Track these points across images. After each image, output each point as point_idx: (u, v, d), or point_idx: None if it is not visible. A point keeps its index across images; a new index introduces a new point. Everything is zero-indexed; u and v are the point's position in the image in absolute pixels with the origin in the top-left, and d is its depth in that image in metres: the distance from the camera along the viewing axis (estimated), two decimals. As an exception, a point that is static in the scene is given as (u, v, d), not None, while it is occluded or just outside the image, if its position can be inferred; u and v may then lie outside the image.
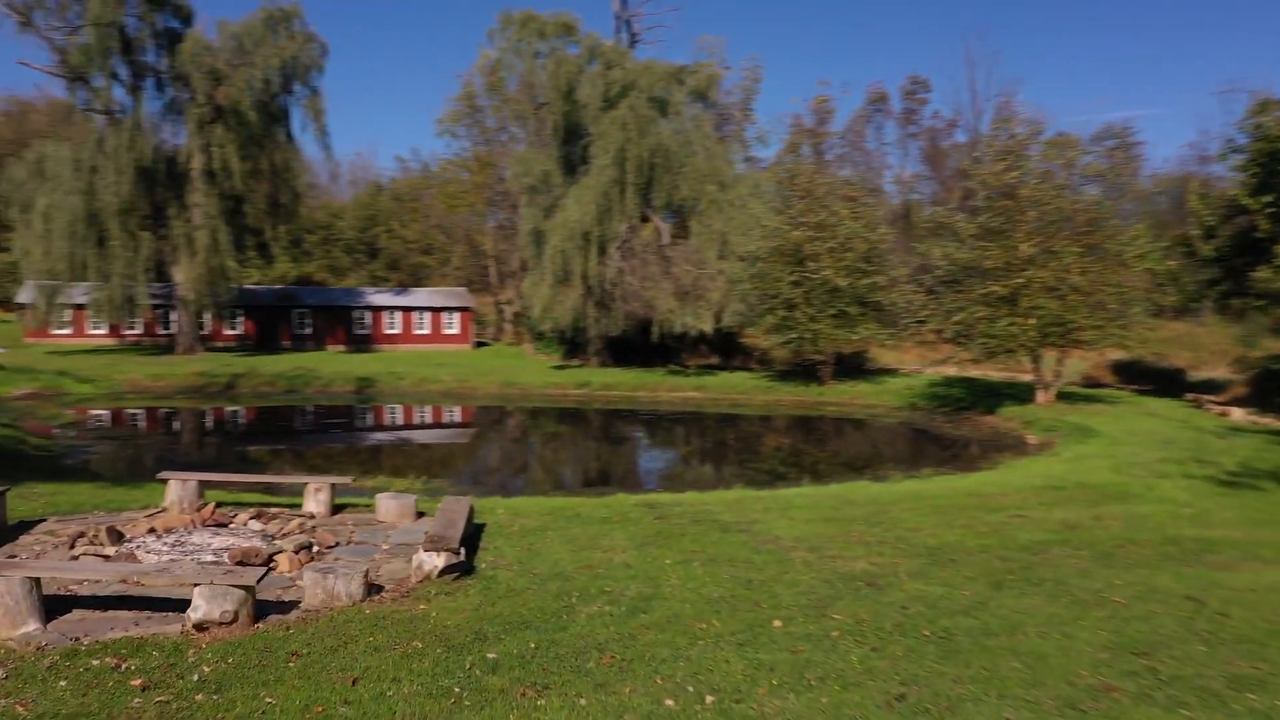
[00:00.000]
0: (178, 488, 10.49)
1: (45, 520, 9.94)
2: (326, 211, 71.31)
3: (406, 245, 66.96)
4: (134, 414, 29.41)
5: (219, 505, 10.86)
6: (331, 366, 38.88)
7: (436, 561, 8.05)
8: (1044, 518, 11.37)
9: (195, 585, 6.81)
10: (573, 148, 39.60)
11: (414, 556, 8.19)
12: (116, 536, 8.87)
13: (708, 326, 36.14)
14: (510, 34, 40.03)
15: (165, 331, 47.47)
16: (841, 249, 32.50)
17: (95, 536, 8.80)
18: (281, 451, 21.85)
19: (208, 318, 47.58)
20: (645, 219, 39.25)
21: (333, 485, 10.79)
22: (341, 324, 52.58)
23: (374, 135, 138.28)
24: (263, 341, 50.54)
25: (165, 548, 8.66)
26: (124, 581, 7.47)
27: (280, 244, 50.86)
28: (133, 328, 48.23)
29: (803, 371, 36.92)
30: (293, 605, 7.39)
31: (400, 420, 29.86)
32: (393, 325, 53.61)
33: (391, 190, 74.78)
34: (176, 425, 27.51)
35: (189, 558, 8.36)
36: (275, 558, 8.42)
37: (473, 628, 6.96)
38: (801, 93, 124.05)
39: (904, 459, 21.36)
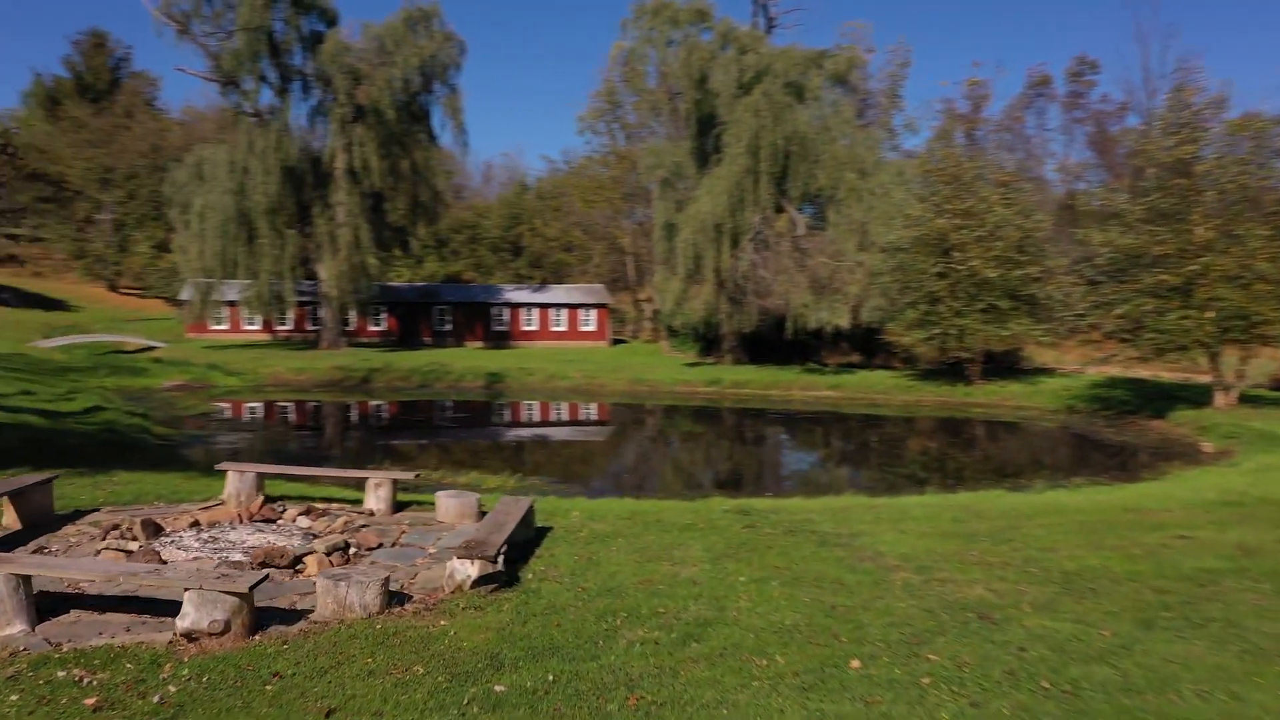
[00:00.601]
0: (235, 480, 9.95)
1: (98, 510, 9.57)
2: (474, 211, 72.83)
3: (548, 243, 67.45)
4: (267, 406, 30.13)
5: (274, 500, 10.28)
6: (464, 362, 39.06)
7: (470, 571, 7.09)
8: (1215, 540, 9.46)
9: (185, 590, 6.06)
10: (706, 138, 38.41)
11: (447, 564, 7.25)
12: (154, 530, 8.32)
13: (844, 322, 34.27)
14: (644, 23, 39.22)
15: (313, 327, 49.05)
16: (991, 237, 30.08)
17: (129, 529, 8.28)
18: (388, 444, 21.62)
19: (353, 314, 48.89)
20: (779, 209, 37.68)
21: (394, 481, 10.02)
22: (480, 320, 53.15)
23: (524, 135, 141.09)
24: (405, 337, 51.61)
25: (197, 544, 8.04)
26: (110, 580, 6.79)
27: (421, 241, 51.81)
28: (284, 323, 50.09)
29: (949, 370, 34.56)
30: (302, 615, 6.56)
31: (521, 416, 29.45)
32: (530, 322, 53.81)
33: (536, 189, 75.73)
34: (298, 416, 27.94)
35: (217, 556, 7.69)
36: (304, 560, 7.65)
37: (490, 651, 5.94)
38: (955, 77, 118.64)
39: (1054, 466, 19.21)
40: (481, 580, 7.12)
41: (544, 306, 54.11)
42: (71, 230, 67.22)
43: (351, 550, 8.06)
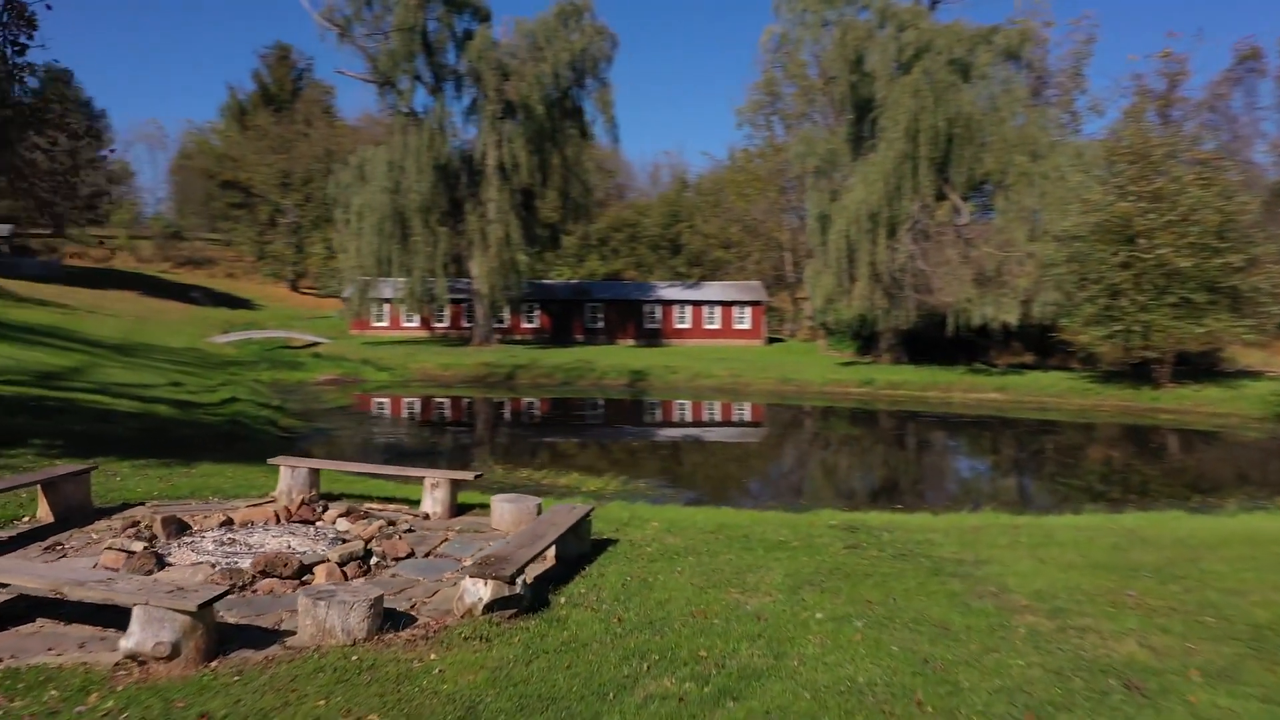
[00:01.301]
0: (288, 475, 9.23)
1: (143, 504, 9.03)
2: (634, 210, 72.66)
3: (707, 240, 66.37)
4: (403, 401, 30.28)
5: (334, 498, 9.52)
6: (609, 360, 38.40)
7: (481, 593, 5.95)
8: None
9: (133, 606, 5.20)
10: (861, 123, 36.26)
11: (461, 583, 6.14)
12: (179, 528, 7.63)
13: (1012, 318, 31.42)
14: (796, 4, 37.37)
15: (468, 325, 49.71)
16: (1184, 222, 26.72)
17: (148, 527, 7.62)
18: (501, 439, 20.96)
19: (507, 312, 49.24)
20: (941, 197, 35.07)
21: (452, 481, 9.05)
22: (632, 318, 52.53)
23: (688, 133, 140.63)
24: (557, 335, 51.63)
25: (212, 546, 7.27)
26: (56, 589, 6.01)
27: (573, 237, 51.68)
28: (441, 320, 51.03)
29: (1133, 373, 31.12)
30: (282, 638, 5.60)
31: (656, 415, 28.36)
32: (683, 320, 52.78)
33: (696, 186, 74.87)
34: (424, 412, 27.83)
35: (225, 561, 6.88)
36: (314, 569, 6.73)
37: (470, 699, 4.79)
38: (1148, 52, 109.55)
39: (1257, 483, 16.43)
40: (496, 604, 5.96)
41: (697, 304, 52.96)
42: (255, 233, 71.22)
43: (373, 560, 7.10)
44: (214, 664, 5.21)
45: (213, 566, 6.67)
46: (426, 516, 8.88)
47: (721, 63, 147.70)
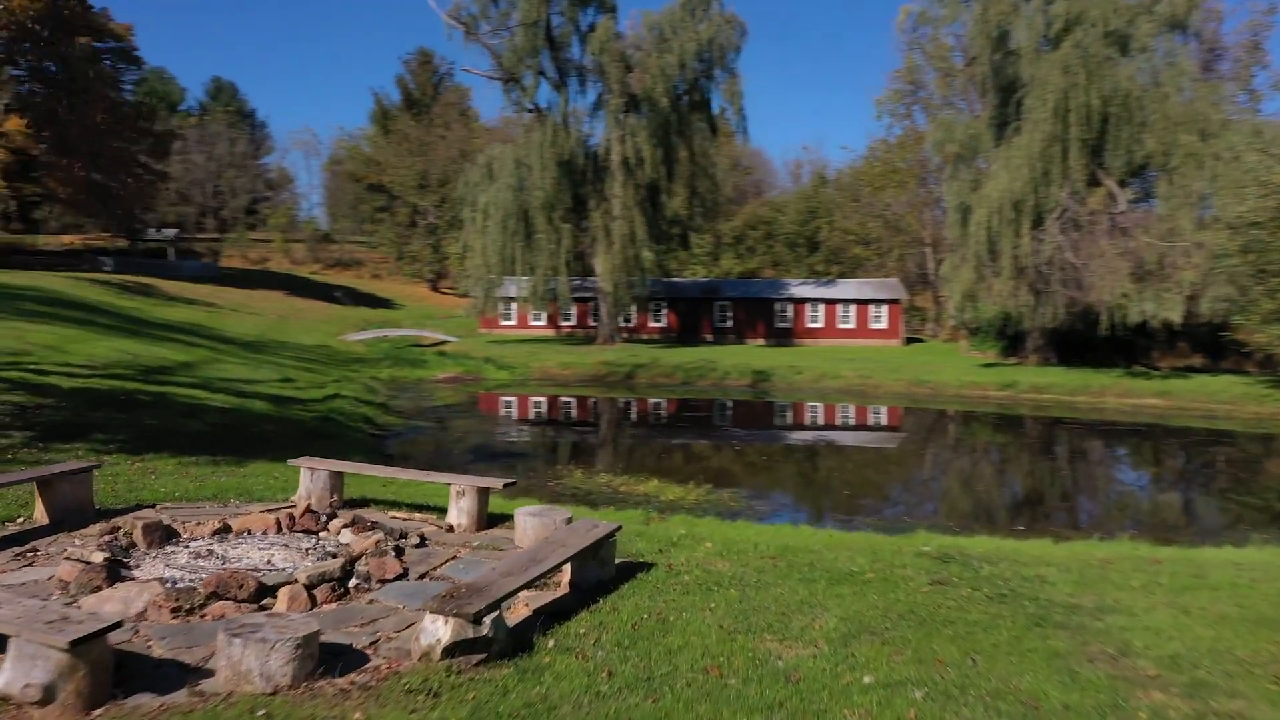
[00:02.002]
0: (307, 478, 8.42)
1: (154, 506, 8.38)
2: (770, 207, 70.95)
3: (845, 237, 63.99)
4: (517, 399, 29.79)
5: (359, 503, 8.67)
6: (732, 359, 36.99)
7: (440, 633, 4.86)
8: None
9: (9, 636, 4.35)
10: (1005, 106, 33.54)
11: (422, 619, 5.05)
12: (164, 536, 6.88)
13: (1175, 315, 28.30)
14: (933, -18, 35.03)
15: (595, 323, 49.22)
16: (1385, 205, 23.32)
17: (127, 534, 6.90)
18: (595, 441, 19.95)
19: (634, 310, 48.49)
20: (1094, 183, 32.06)
21: (480, 489, 8.02)
22: (762, 317, 50.87)
23: (828, 127, 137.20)
24: (684, 334, 50.50)
25: (186, 559, 6.46)
26: None
27: (698, 232, 50.46)
28: (567, 319, 50.73)
29: (1321, 376, 27.57)
30: (198, 679, 4.65)
31: (773, 417, 26.85)
32: (815, 319, 50.74)
33: (835, 181, 72.51)
34: (531, 408, 27.16)
35: (191, 578, 6.04)
36: (277, 592, 5.79)
37: (371, 785, 3.69)
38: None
39: None
40: (457, 648, 4.86)
41: (830, 302, 50.81)
42: (394, 234, 73.13)
43: (353, 582, 6.11)
44: (97, 713, 4.30)
45: (165, 584, 5.81)
46: (451, 529, 7.89)
47: (864, 50, 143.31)
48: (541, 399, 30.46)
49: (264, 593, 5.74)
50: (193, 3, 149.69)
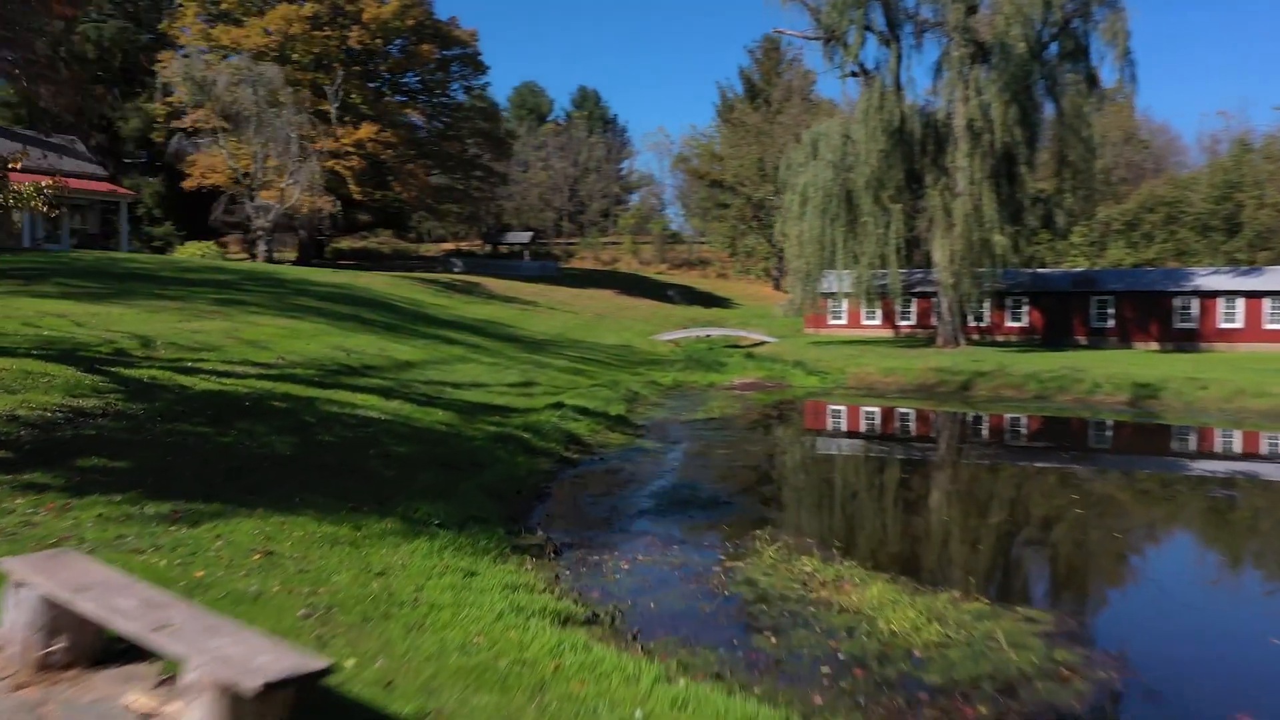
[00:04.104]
0: (11, 605, 4.13)
1: None
2: (1172, 185, 58.98)
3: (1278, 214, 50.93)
4: (809, 411, 24.47)
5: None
6: (1106, 368, 28.69)
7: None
8: None
9: None
10: None
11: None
12: None
13: None
14: None
15: (936, 323, 42.17)
16: None
17: None
18: (855, 494, 14.13)
19: (986, 307, 40.82)
20: None
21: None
22: (1155, 315, 40.62)
23: (1252, 84, 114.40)
24: (1050, 336, 41.64)
25: None
26: None
27: (1075, 213, 41.41)
28: (906, 318, 44.02)
29: None
30: None
31: (1164, 448, 19.14)
32: (1231, 316, 39.59)
33: (1263, 150, 58.59)
34: (815, 422, 21.55)
35: None
36: None
37: None
38: None
39: None
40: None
41: (1254, 295, 39.37)
42: (729, 228, 70.07)
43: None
44: None
45: None
46: None
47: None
48: (841, 411, 24.94)
49: None
50: (559, 17, 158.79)
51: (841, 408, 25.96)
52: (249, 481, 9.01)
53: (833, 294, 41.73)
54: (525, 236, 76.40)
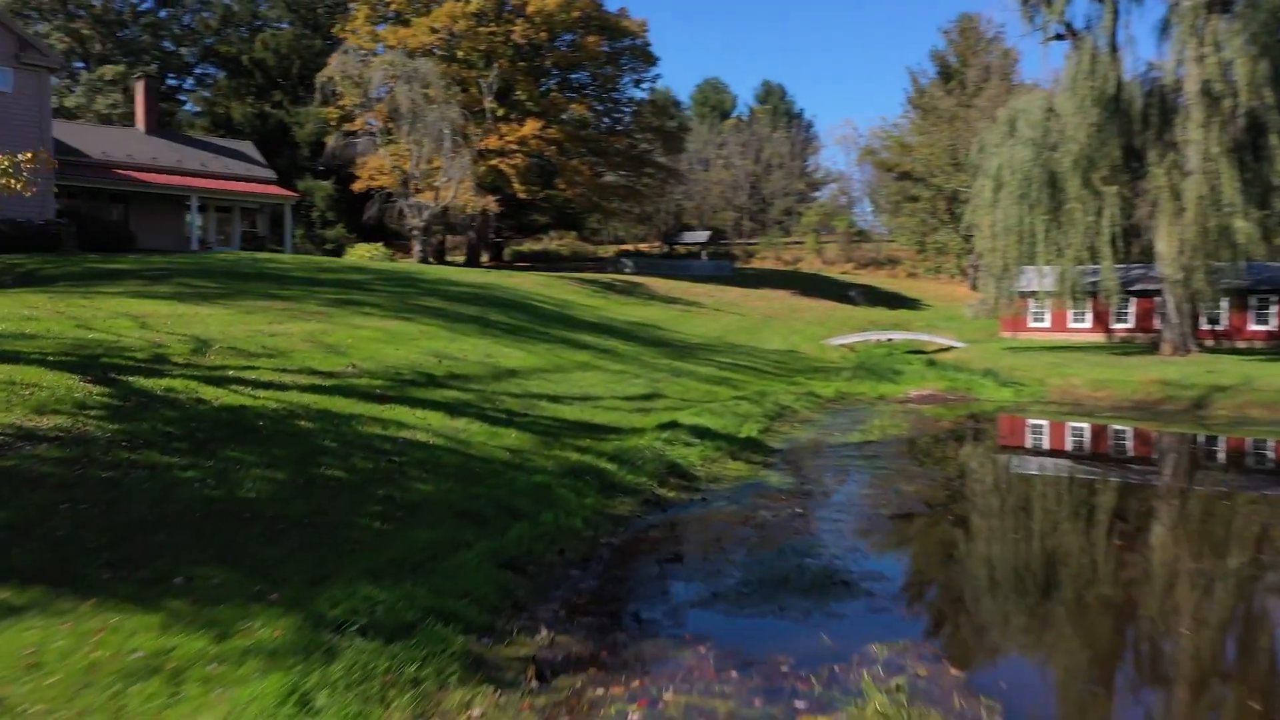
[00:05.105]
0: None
1: None
2: None
3: None
4: (991, 432, 20.27)
5: None
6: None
7: None
8: None
9: None
10: None
11: None
12: None
13: None
14: None
15: (1160, 325, 36.16)
16: None
17: None
18: (1056, 580, 10.26)
19: (1222, 308, 34.60)
20: None
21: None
22: None
23: None
24: (1309, 341, 34.90)
25: None
26: None
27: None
28: (1123, 320, 38.13)
29: None
30: None
31: None
32: None
33: None
34: (1007, 441, 17.33)
35: None
36: None
37: None
38: None
39: None
40: None
41: None
42: (918, 223, 64.71)
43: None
44: None
45: None
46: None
47: None
48: (1040, 432, 20.63)
49: None
50: (743, 10, 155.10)
51: (1043, 424, 21.60)
52: (137, 547, 6.57)
53: (1032, 293, 36.56)
54: (703, 236, 73.64)
